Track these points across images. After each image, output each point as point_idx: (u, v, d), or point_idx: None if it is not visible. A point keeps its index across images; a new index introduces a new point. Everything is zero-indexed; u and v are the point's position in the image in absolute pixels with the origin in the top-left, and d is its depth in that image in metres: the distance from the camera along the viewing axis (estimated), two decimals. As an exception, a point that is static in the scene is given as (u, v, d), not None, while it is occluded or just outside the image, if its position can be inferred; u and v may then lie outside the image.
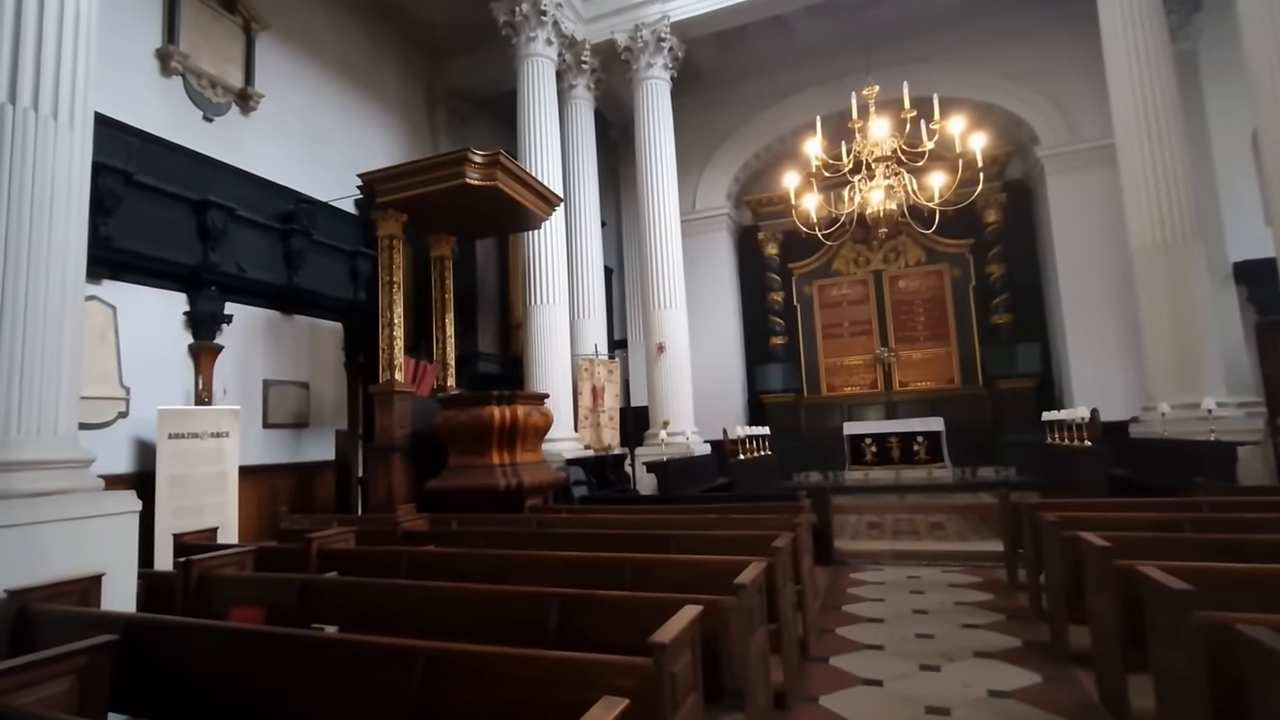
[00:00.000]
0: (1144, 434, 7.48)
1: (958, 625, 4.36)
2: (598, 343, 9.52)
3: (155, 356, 6.13)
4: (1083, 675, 3.41)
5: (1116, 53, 7.54)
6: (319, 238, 7.71)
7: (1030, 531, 4.50)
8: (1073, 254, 10.35)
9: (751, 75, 12.09)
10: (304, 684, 2.05)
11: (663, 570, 3.07)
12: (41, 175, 3.09)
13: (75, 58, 3.28)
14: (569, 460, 7.96)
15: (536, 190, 6.73)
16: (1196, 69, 9.29)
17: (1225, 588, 2.45)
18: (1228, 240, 9.06)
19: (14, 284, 2.96)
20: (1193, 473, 5.34)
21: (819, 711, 3.17)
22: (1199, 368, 6.96)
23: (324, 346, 8.11)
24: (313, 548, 3.72)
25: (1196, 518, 3.90)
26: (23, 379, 2.93)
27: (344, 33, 9.41)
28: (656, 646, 1.73)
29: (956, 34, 10.89)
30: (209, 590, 3.17)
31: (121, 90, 6.22)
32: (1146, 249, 7.30)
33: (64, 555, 2.89)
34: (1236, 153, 9.11)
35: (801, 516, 4.45)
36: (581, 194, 10.06)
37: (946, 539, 7.06)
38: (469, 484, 5.82)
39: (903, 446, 11.03)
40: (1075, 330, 10.28)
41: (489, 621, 2.53)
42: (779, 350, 12.68)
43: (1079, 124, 10.38)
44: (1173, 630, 2.22)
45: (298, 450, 7.55)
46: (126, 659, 2.23)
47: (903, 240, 12.07)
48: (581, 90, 10.16)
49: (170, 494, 5.61)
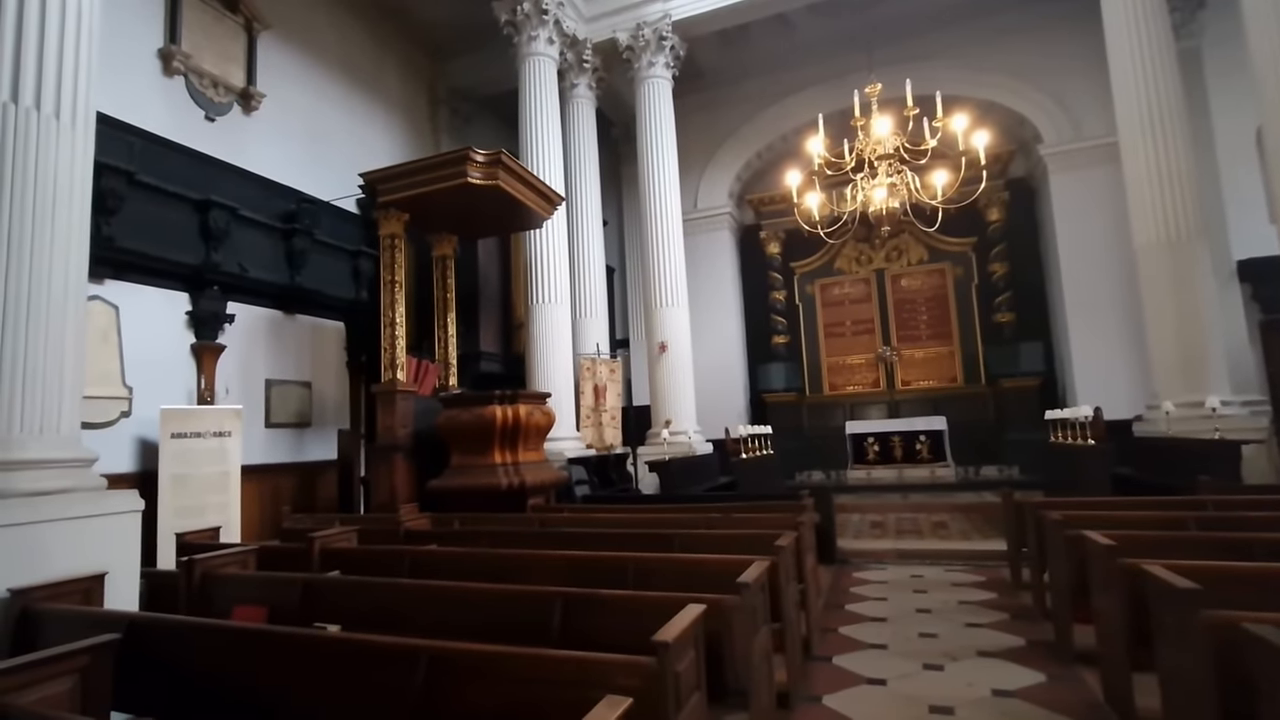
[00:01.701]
0: (1148, 433, 7.47)
1: (961, 624, 4.35)
2: (600, 342, 9.52)
3: (158, 356, 6.14)
4: (1087, 674, 3.40)
5: (1120, 50, 7.51)
6: (321, 237, 7.73)
7: (1034, 530, 4.49)
8: (1076, 252, 10.33)
9: (753, 74, 12.07)
10: (307, 683, 2.05)
11: (665, 569, 3.07)
12: (44, 175, 3.09)
13: (77, 57, 3.28)
14: (571, 460, 7.96)
15: (538, 189, 6.73)
16: (1200, 66, 9.26)
17: (1231, 587, 2.44)
18: (1232, 238, 9.02)
19: (16, 284, 2.96)
20: (1197, 471, 5.32)
21: (822, 711, 3.16)
22: (1203, 366, 6.94)
23: (326, 346, 8.11)
24: (315, 547, 3.72)
25: (1202, 516, 3.89)
26: (25, 378, 2.93)
27: (346, 32, 9.41)
28: (660, 646, 1.72)
29: (959, 32, 10.87)
30: (212, 590, 3.17)
31: (124, 90, 6.22)
32: (1150, 247, 7.28)
33: (67, 554, 2.89)
34: (1241, 150, 9.07)
35: (804, 515, 4.43)
36: (583, 193, 10.06)
37: (949, 538, 7.04)
38: (471, 483, 5.82)
39: (905, 446, 11.00)
40: (1078, 329, 10.26)
41: (492, 621, 2.52)
42: (781, 349, 12.66)
43: (1082, 122, 10.35)
44: (1179, 629, 2.21)
45: (300, 450, 7.55)
46: (129, 658, 2.23)
47: (905, 239, 12.05)
48: (583, 89, 10.16)
49: (173, 493, 5.62)
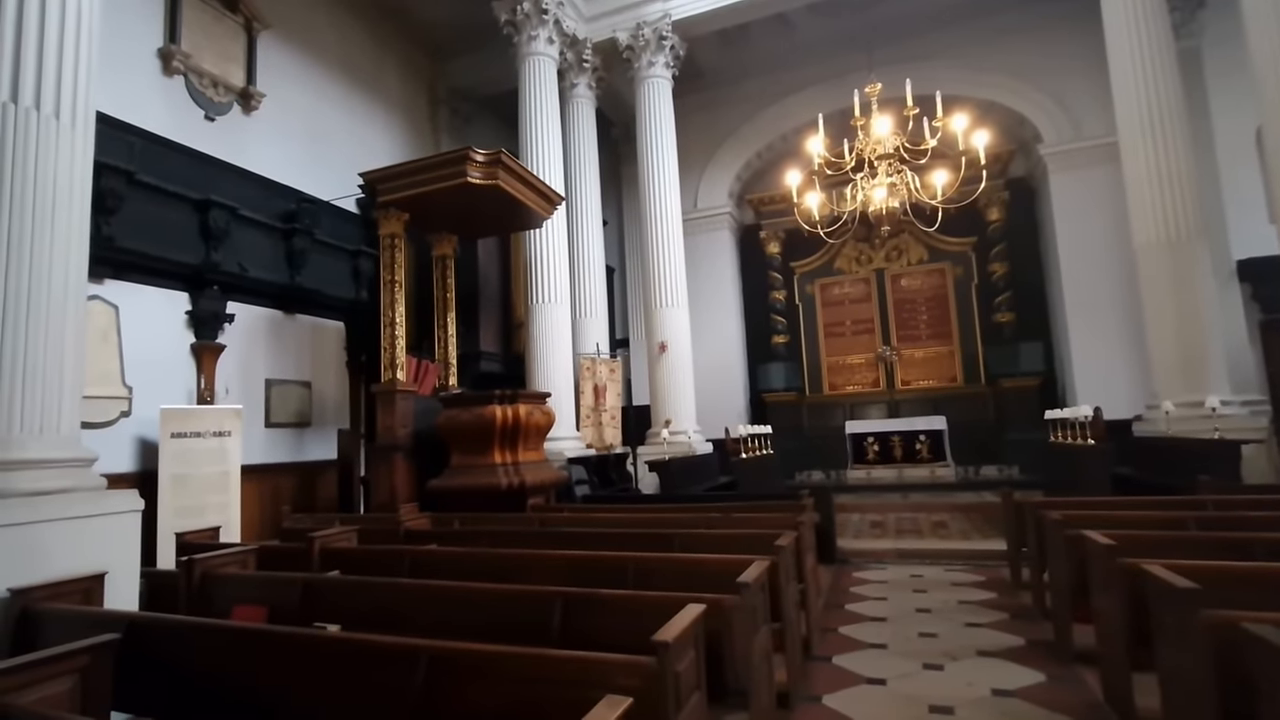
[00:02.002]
0: (1148, 432, 7.47)
1: (961, 624, 4.35)
2: (599, 342, 9.52)
3: (158, 356, 6.14)
4: (1087, 674, 3.40)
5: (1120, 50, 7.51)
6: (321, 237, 7.73)
7: (1034, 530, 4.49)
8: (1076, 252, 10.33)
9: (753, 74, 12.07)
10: (306, 683, 2.05)
11: (665, 569, 3.06)
12: (43, 175, 3.09)
13: (77, 57, 3.28)
14: (571, 459, 7.96)
15: (538, 189, 6.72)
16: (1200, 66, 9.26)
17: (1231, 586, 2.44)
18: (1231, 238, 9.02)
19: (16, 283, 2.96)
20: (1197, 471, 5.32)
21: (822, 710, 3.16)
22: (1203, 366, 6.95)
23: (326, 346, 8.11)
24: (315, 547, 3.72)
25: (1201, 516, 3.89)
26: (25, 378, 2.93)
27: (346, 32, 9.41)
28: (660, 645, 1.72)
29: (959, 32, 10.86)
30: (211, 589, 3.17)
31: (123, 90, 6.22)
32: (1150, 247, 7.28)
33: (67, 554, 2.89)
34: (1240, 150, 9.07)
35: (804, 515, 4.44)
36: (583, 193, 10.06)
37: (949, 538, 7.04)
38: (471, 483, 5.82)
39: (905, 445, 11.00)
40: (1078, 328, 10.26)
41: (492, 621, 2.52)
42: (781, 349, 12.66)
43: (1082, 122, 10.35)
44: (1179, 629, 2.21)
45: (300, 450, 7.55)
46: (129, 658, 2.23)
47: (905, 239, 12.04)
48: (583, 89, 10.16)
49: (173, 493, 5.62)
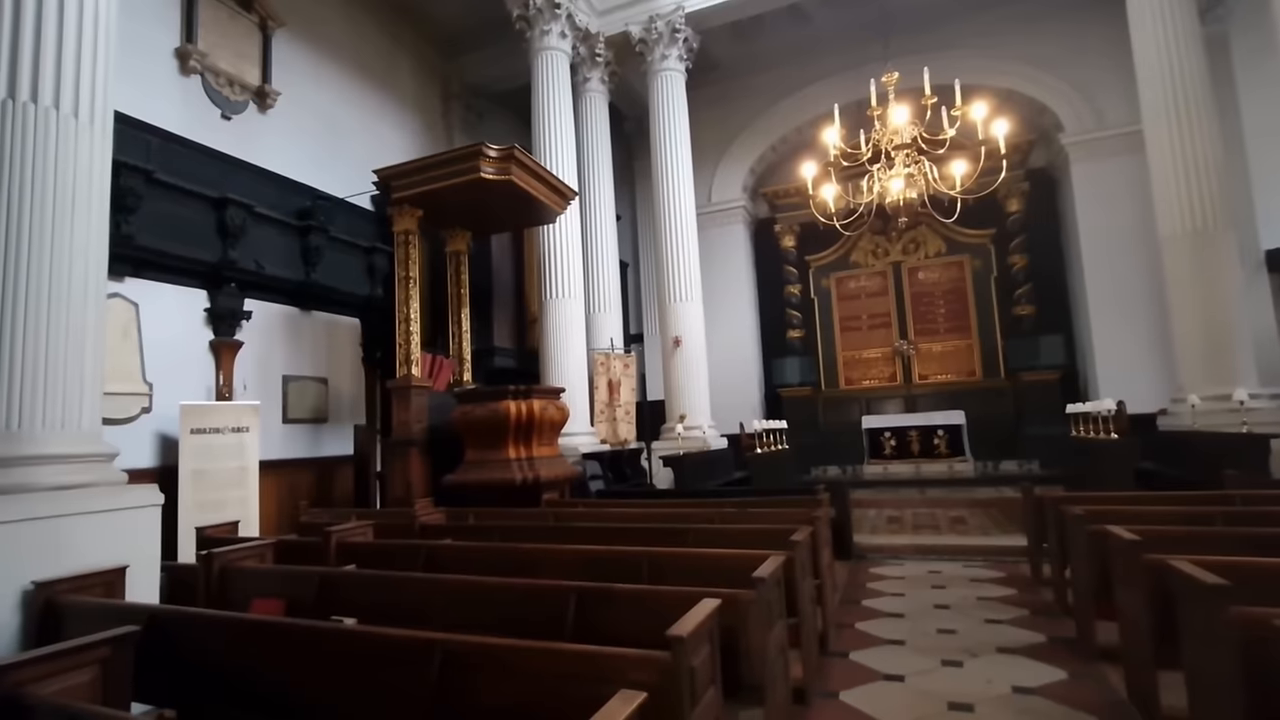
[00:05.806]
0: (1173, 426, 7.32)
1: (980, 620, 4.29)
2: (613, 337, 9.51)
3: (177, 353, 6.22)
4: (1110, 671, 3.34)
5: (1144, 36, 7.35)
6: (336, 234, 7.78)
7: (1055, 526, 4.42)
8: (1098, 243, 10.15)
9: (768, 66, 11.97)
10: (322, 675, 2.07)
11: (680, 564, 3.05)
12: (63, 173, 3.12)
13: (95, 57, 3.31)
14: (585, 454, 7.97)
15: (551, 184, 6.71)
16: (1228, 52, 9.03)
17: (1260, 582, 2.38)
18: (1260, 227, 8.82)
19: (37, 281, 2.99)
20: (1224, 466, 5.21)
21: (839, 706, 3.13)
22: (1230, 358, 6.80)
23: (342, 342, 8.17)
24: (331, 541, 3.74)
25: (1229, 511, 3.80)
26: (47, 375, 2.97)
27: (360, 30, 9.45)
28: (674, 640, 1.71)
29: (978, 20, 10.69)
30: (230, 583, 3.20)
31: (141, 89, 6.29)
32: (1175, 237, 7.13)
33: (89, 548, 2.93)
34: (1270, 137, 8.85)
35: (820, 510, 4.39)
36: (596, 188, 10.04)
37: (968, 533, 6.96)
38: (486, 478, 5.84)
39: (923, 440, 10.89)
40: (1100, 321, 10.08)
41: (506, 615, 2.52)
42: (796, 343, 12.58)
43: (1105, 110, 10.15)
44: (1206, 626, 2.16)
45: (317, 445, 7.63)
46: (149, 649, 2.25)
47: (922, 231, 11.89)
48: (596, 83, 10.13)
49: (192, 488, 5.70)
